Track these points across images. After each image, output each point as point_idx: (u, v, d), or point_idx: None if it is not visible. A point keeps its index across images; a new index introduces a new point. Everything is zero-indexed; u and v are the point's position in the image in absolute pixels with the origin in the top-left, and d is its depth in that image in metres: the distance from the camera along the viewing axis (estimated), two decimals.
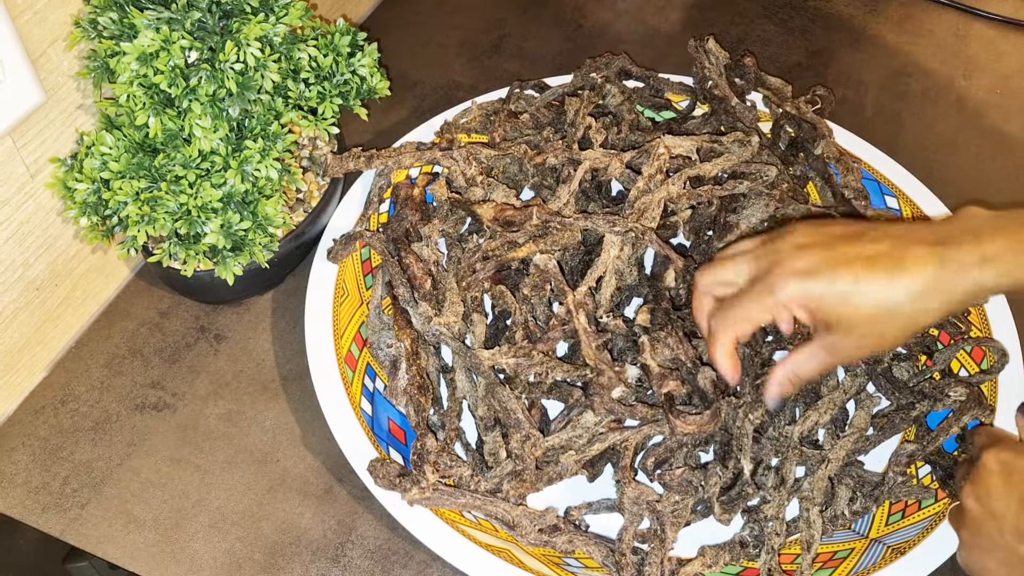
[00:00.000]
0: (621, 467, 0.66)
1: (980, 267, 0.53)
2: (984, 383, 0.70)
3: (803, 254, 0.57)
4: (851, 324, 0.55)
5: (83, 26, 0.66)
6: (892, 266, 0.54)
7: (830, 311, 0.56)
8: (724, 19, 1.07)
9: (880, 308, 0.54)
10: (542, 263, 0.70)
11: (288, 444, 0.71)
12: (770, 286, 0.57)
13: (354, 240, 0.76)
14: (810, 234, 0.58)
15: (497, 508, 0.63)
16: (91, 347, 0.77)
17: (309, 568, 0.65)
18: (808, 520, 0.63)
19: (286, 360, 0.76)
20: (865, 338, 0.56)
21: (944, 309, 0.54)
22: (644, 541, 0.63)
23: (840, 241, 0.57)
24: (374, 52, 0.75)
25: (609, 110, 0.85)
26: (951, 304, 0.54)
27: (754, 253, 0.60)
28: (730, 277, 0.61)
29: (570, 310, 0.67)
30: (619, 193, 0.83)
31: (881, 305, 0.54)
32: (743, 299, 0.59)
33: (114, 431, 0.72)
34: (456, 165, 0.77)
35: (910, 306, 0.54)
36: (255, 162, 0.67)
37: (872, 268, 0.54)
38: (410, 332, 0.70)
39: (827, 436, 0.68)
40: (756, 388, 0.67)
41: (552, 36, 1.05)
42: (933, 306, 0.54)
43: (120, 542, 0.66)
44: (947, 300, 0.54)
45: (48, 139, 0.69)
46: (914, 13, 1.09)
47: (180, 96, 0.64)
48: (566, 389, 0.69)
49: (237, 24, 0.65)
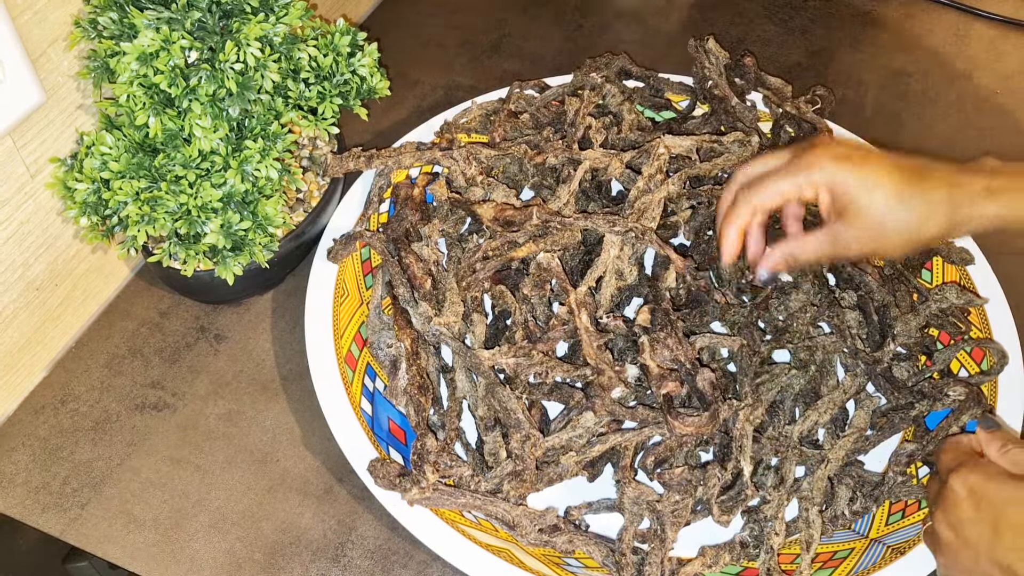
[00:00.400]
0: (621, 467, 0.66)
1: (984, 197, 0.60)
2: (984, 384, 0.70)
3: (841, 147, 0.64)
4: (864, 214, 0.61)
5: (83, 26, 0.66)
6: (916, 175, 0.61)
7: (852, 196, 0.61)
8: (724, 19, 1.07)
9: (894, 206, 0.60)
10: (545, 261, 0.70)
11: (288, 444, 0.71)
12: (808, 163, 0.62)
13: (354, 240, 0.76)
14: (846, 141, 0.65)
15: (497, 508, 0.63)
16: (91, 347, 0.77)
17: (309, 568, 0.65)
18: (808, 520, 0.63)
19: (286, 360, 0.76)
20: (869, 232, 0.61)
21: (946, 225, 0.61)
22: (644, 541, 0.63)
23: (873, 150, 0.64)
24: (374, 52, 0.75)
25: (609, 110, 0.85)
26: (952, 223, 0.60)
27: (791, 148, 0.66)
28: (767, 167, 0.65)
29: (572, 309, 0.67)
30: (619, 193, 0.83)
31: (895, 204, 0.60)
32: (778, 173, 0.64)
33: (114, 431, 0.72)
34: (456, 165, 0.78)
35: (919, 213, 0.60)
36: (255, 162, 0.67)
37: (900, 171, 0.61)
38: (410, 332, 0.70)
39: (827, 436, 0.68)
40: (756, 389, 0.67)
41: (552, 36, 1.05)
42: (938, 220, 0.60)
43: (120, 542, 0.66)
44: (951, 218, 0.60)
45: (48, 139, 0.69)
46: (914, 13, 1.09)
47: (180, 96, 0.64)
48: (567, 391, 0.69)
49: (237, 24, 0.65)
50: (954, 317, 0.73)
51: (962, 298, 0.73)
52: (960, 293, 0.73)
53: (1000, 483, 0.56)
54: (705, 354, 0.71)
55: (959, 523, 0.56)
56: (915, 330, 0.71)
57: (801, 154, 0.64)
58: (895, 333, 0.71)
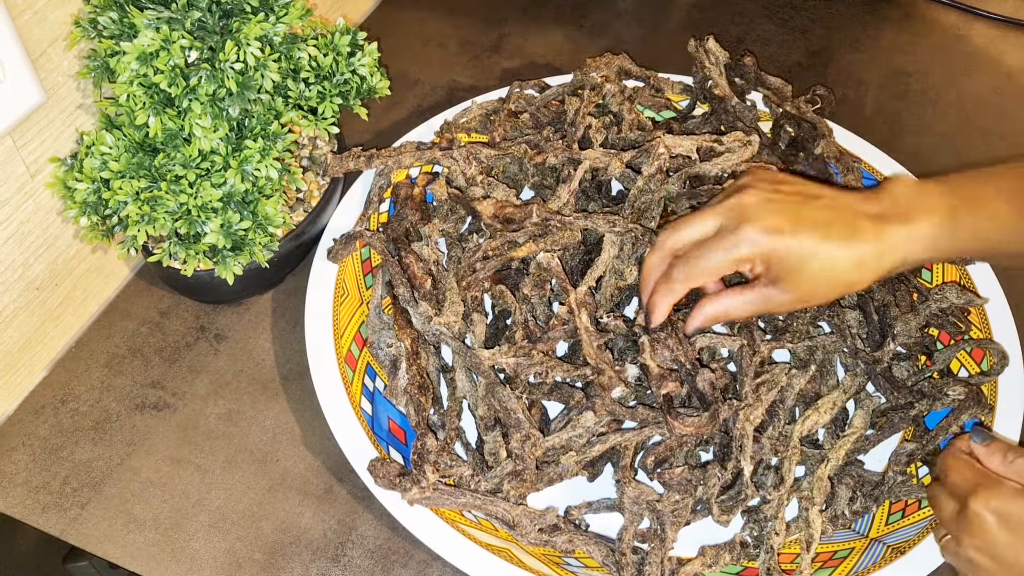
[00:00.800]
0: (621, 467, 0.66)
1: (907, 244, 0.61)
2: (984, 384, 0.70)
3: (772, 212, 0.61)
4: (799, 281, 0.61)
5: (83, 26, 0.66)
6: (846, 234, 0.60)
7: (787, 267, 0.61)
8: (724, 19, 1.07)
9: (827, 269, 0.60)
10: (545, 261, 0.70)
11: (288, 444, 0.71)
12: (740, 239, 0.61)
13: (354, 240, 0.76)
14: (771, 191, 0.63)
15: (497, 508, 0.63)
16: (91, 347, 0.77)
17: (309, 568, 0.65)
18: (808, 520, 0.63)
19: (286, 360, 0.76)
20: (801, 293, 0.62)
21: (873, 277, 0.61)
22: (644, 541, 0.63)
23: (801, 203, 0.62)
24: (374, 52, 0.75)
25: (609, 110, 0.85)
26: (879, 272, 0.61)
27: (719, 210, 0.63)
28: (696, 234, 0.64)
29: (572, 309, 0.67)
30: (619, 193, 0.83)
31: (828, 267, 0.60)
32: (710, 249, 0.62)
33: (114, 431, 0.72)
34: (456, 165, 0.78)
35: (849, 272, 0.61)
36: (255, 162, 0.67)
37: (830, 234, 0.60)
38: (410, 332, 0.70)
39: (827, 436, 0.68)
40: (756, 389, 0.67)
41: (552, 36, 1.05)
42: (866, 275, 0.61)
43: (120, 542, 0.66)
44: (878, 269, 0.61)
45: (48, 139, 0.69)
46: (914, 13, 1.09)
47: (180, 96, 0.64)
48: (567, 391, 0.69)
49: (237, 24, 0.65)
50: (954, 317, 0.73)
51: (962, 298, 0.73)
52: (960, 293, 0.73)
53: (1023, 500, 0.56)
54: (705, 354, 0.71)
55: (994, 547, 0.56)
56: (915, 330, 0.71)
57: (733, 221, 0.62)
58: (895, 333, 0.71)
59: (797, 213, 0.61)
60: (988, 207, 0.62)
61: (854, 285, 0.62)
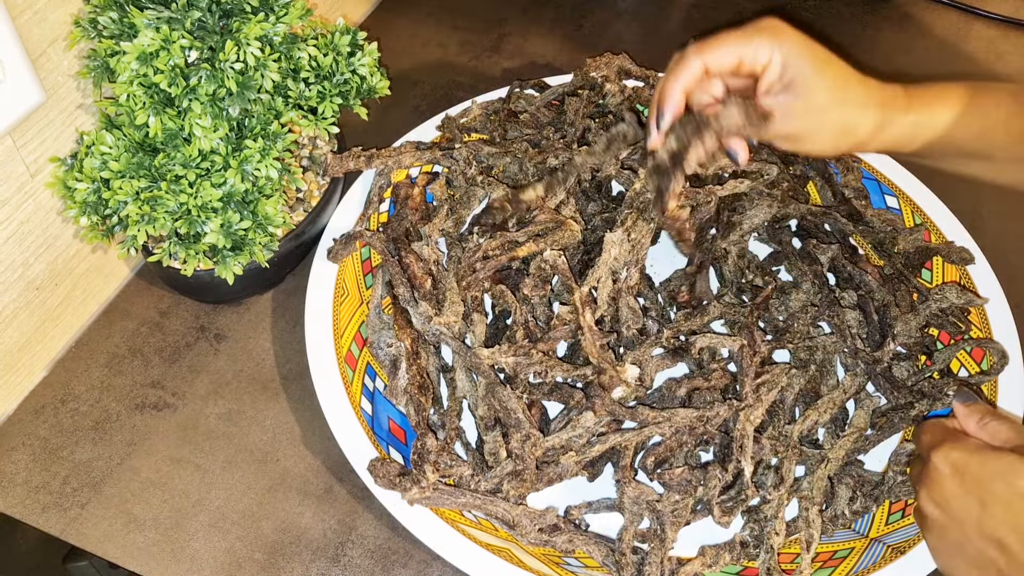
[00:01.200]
0: (621, 467, 0.66)
1: (904, 106, 0.63)
2: (984, 384, 0.70)
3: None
4: (812, 91, 0.61)
5: (83, 26, 0.66)
6: (860, 80, 0.63)
7: (804, 68, 0.61)
8: (724, 19, 1.07)
9: (838, 91, 0.61)
10: (551, 259, 0.70)
11: (288, 444, 0.71)
12: (766, 27, 0.62)
13: (354, 240, 0.75)
14: None
15: (497, 508, 0.63)
16: (91, 347, 0.77)
17: (309, 568, 0.65)
18: (808, 519, 0.63)
19: (286, 360, 0.76)
20: (810, 114, 0.62)
21: (873, 128, 0.62)
22: (644, 541, 0.63)
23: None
24: (374, 52, 0.75)
25: (609, 110, 0.85)
26: (878, 126, 0.62)
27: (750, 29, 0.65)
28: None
29: (576, 307, 0.68)
30: (619, 193, 0.83)
31: (841, 88, 0.61)
32: (734, 34, 0.63)
33: (114, 431, 0.72)
34: (456, 165, 0.78)
35: (856, 105, 0.62)
36: (255, 161, 0.67)
37: (849, 68, 0.63)
38: (410, 332, 0.70)
39: (827, 436, 0.68)
40: (756, 389, 0.67)
41: (552, 36, 1.05)
42: (868, 121, 0.62)
43: (120, 541, 0.66)
44: (878, 122, 0.62)
45: (48, 139, 0.69)
46: (914, 13, 1.09)
47: (180, 96, 0.64)
48: (567, 391, 0.69)
49: (237, 24, 0.65)
50: (954, 317, 0.73)
51: (962, 298, 0.73)
52: (960, 293, 0.73)
53: (983, 456, 0.55)
54: (705, 354, 0.71)
55: (945, 500, 0.56)
56: (915, 330, 0.71)
57: (759, 21, 0.63)
58: (895, 333, 0.71)
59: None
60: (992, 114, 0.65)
61: (855, 130, 0.62)
